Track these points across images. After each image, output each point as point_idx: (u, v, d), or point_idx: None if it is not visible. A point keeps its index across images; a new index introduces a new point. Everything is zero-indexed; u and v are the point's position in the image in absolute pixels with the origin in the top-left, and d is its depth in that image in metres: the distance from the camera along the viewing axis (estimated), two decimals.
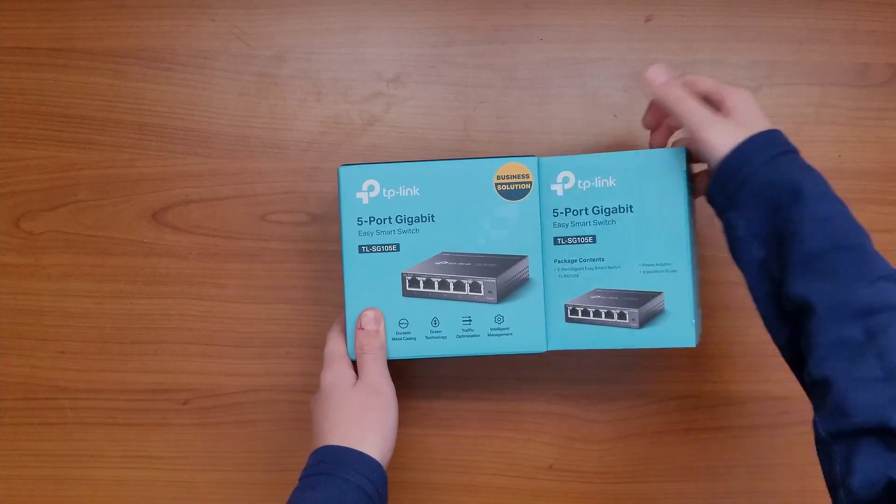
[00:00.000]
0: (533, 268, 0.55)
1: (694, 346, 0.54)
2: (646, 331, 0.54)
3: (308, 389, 0.67)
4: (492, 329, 0.55)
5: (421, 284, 0.55)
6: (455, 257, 0.55)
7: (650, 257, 0.54)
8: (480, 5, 0.67)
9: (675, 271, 0.54)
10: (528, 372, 0.67)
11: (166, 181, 0.67)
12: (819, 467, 0.45)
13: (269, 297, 0.67)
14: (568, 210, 0.55)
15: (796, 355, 0.48)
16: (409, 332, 0.56)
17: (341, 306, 0.67)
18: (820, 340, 0.44)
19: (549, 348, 0.56)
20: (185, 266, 0.67)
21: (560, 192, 0.55)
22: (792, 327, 0.48)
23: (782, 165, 0.49)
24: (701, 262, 0.65)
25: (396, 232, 0.55)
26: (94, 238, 0.67)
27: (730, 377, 0.67)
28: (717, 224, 0.67)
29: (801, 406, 0.67)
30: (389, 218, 0.55)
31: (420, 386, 0.67)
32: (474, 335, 0.55)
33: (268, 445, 0.67)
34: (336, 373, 0.56)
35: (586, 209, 0.55)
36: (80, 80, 0.67)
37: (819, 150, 0.67)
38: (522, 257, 0.55)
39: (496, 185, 0.55)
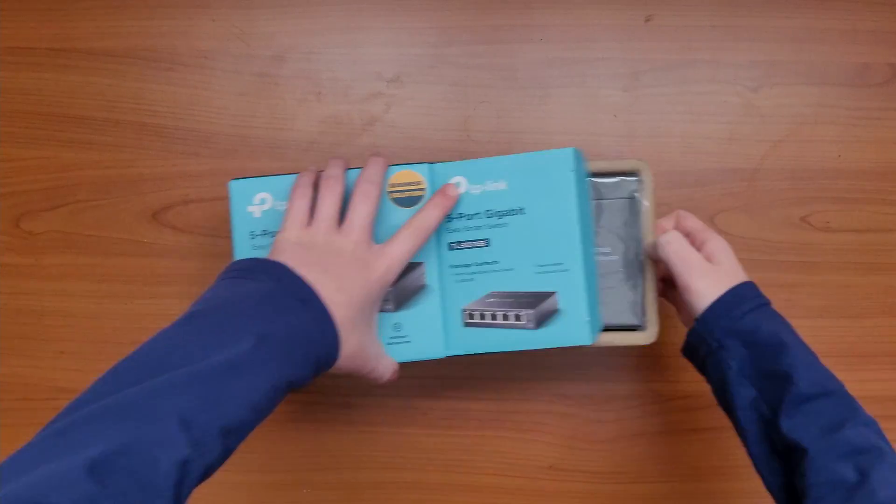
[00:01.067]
0: (429, 274, 0.55)
1: (590, 343, 0.53)
2: (542, 331, 0.53)
3: (307, 389, 0.67)
4: (391, 338, 0.54)
5: None
6: None
7: (542, 258, 0.53)
8: (480, 5, 0.67)
9: (567, 270, 0.53)
10: (529, 372, 0.67)
11: (166, 181, 0.67)
12: None
13: None
14: (461, 215, 0.55)
15: (792, 497, 0.50)
16: None
17: None
18: (815, 480, 0.46)
19: (449, 353, 0.55)
20: (185, 266, 0.67)
21: None
22: (784, 465, 0.50)
23: (764, 315, 0.52)
24: None
25: None
26: (94, 238, 0.67)
27: None
28: (716, 224, 0.67)
29: None
30: None
31: (420, 386, 0.67)
32: None
33: (266, 445, 0.67)
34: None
35: (479, 213, 0.54)
36: (80, 80, 0.67)
37: (819, 150, 0.67)
38: (418, 264, 0.55)
39: (389, 192, 0.54)
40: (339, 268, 0.47)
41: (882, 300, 0.67)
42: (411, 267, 0.54)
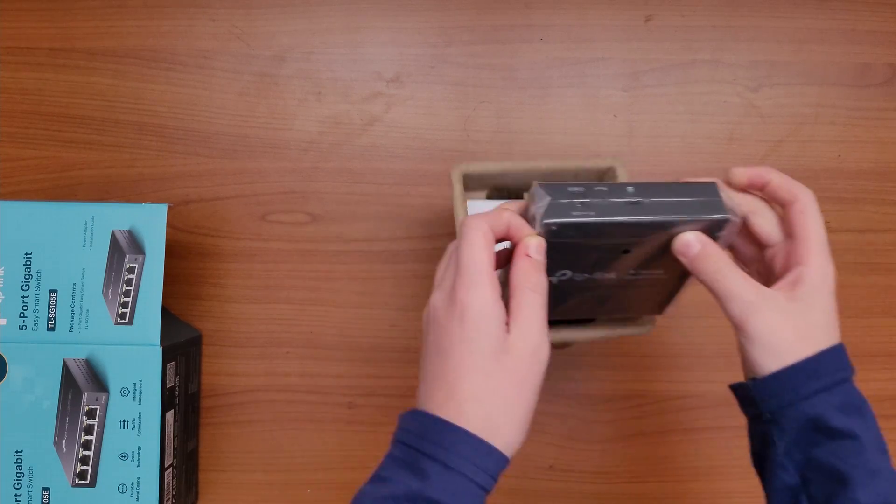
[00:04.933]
0: None
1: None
2: None
3: (308, 389, 0.67)
4: None
5: None
6: None
7: None
8: (480, 5, 0.67)
9: None
10: None
11: (166, 181, 0.67)
12: None
13: (269, 297, 0.67)
14: None
15: None
16: None
17: (342, 306, 0.67)
18: None
19: None
20: (186, 266, 0.67)
21: None
22: None
23: (839, 396, 0.41)
24: None
25: None
26: None
27: (730, 377, 0.67)
28: None
29: None
30: None
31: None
32: None
33: (268, 445, 0.67)
34: (487, 300, 0.38)
35: None
36: (80, 80, 0.67)
37: (819, 150, 0.67)
38: None
39: None
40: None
41: (882, 300, 0.67)
42: None
